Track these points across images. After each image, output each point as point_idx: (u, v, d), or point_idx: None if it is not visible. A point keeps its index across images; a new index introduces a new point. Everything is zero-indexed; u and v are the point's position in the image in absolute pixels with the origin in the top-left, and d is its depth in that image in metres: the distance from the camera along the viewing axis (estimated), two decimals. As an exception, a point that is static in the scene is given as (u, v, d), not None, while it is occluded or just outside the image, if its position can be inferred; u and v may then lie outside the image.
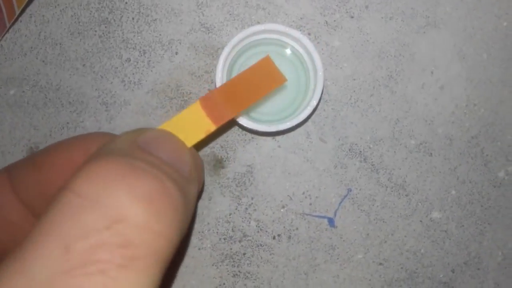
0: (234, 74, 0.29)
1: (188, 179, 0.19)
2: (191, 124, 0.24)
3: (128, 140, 0.18)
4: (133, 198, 0.15)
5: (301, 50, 0.29)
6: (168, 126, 0.23)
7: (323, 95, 0.30)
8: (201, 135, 0.24)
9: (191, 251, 0.31)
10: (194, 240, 0.31)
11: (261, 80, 0.25)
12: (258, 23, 0.30)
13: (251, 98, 0.25)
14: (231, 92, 0.25)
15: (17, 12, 0.29)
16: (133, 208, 0.15)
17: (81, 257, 0.14)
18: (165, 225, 0.16)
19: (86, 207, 0.15)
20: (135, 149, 0.18)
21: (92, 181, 0.15)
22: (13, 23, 0.30)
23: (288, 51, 0.29)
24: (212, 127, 0.24)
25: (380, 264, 0.31)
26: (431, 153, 0.31)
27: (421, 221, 0.31)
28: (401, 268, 0.31)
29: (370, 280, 0.31)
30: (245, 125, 0.28)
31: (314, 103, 0.28)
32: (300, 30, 0.30)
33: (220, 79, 0.28)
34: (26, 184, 0.22)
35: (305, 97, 0.29)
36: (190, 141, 0.23)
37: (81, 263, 0.14)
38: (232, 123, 0.28)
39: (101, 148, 0.18)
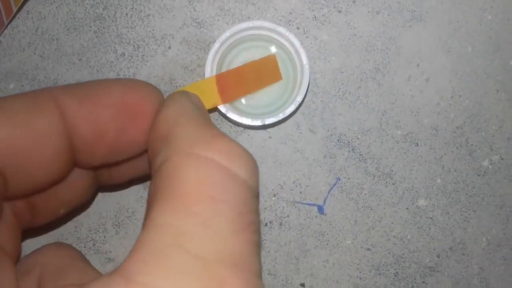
0: (224, 68, 0.30)
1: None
2: (202, 94, 0.26)
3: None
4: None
5: (289, 46, 0.30)
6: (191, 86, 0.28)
7: (312, 87, 0.31)
8: (208, 106, 0.28)
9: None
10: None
11: (264, 74, 0.29)
12: (248, 18, 0.31)
13: (254, 87, 0.29)
14: (240, 77, 0.29)
15: (15, 10, 0.30)
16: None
17: None
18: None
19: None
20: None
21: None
22: (11, 20, 0.31)
23: (276, 48, 0.30)
24: (219, 102, 0.29)
25: (368, 249, 0.32)
26: (417, 143, 0.32)
27: (407, 208, 0.32)
28: (388, 253, 0.32)
29: (358, 264, 0.32)
30: (231, 117, 0.29)
31: (298, 99, 0.29)
32: (289, 25, 0.31)
33: (209, 74, 0.29)
34: (76, 115, 0.22)
35: (293, 92, 0.30)
36: None
37: None
38: (213, 110, 0.30)
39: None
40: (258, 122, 0.29)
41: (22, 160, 0.21)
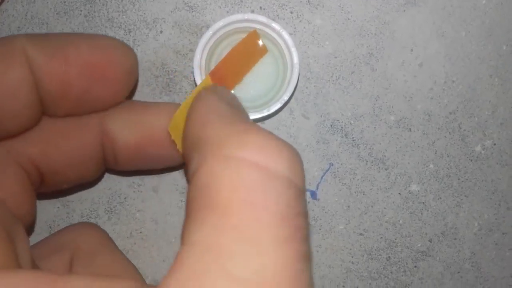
0: (214, 58, 0.30)
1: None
2: None
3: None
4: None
5: (281, 43, 0.30)
6: (189, 100, 0.26)
7: (306, 73, 0.31)
8: None
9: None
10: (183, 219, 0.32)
11: (250, 53, 0.29)
12: (241, 1, 0.31)
13: (245, 69, 0.29)
14: (230, 65, 0.28)
15: (3, -7, 0.30)
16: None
17: None
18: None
19: None
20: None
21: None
22: (0, 4, 0.31)
23: (268, 42, 0.30)
24: None
25: (361, 234, 0.32)
26: (410, 129, 0.32)
27: (400, 193, 0.32)
28: (381, 238, 0.32)
29: (350, 249, 0.32)
30: None
31: (285, 98, 0.29)
32: (282, 9, 0.31)
33: (198, 62, 0.29)
34: (43, 70, 0.23)
35: (280, 90, 0.30)
36: None
37: None
38: None
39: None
40: None
41: None
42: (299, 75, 0.30)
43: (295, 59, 0.29)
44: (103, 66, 0.24)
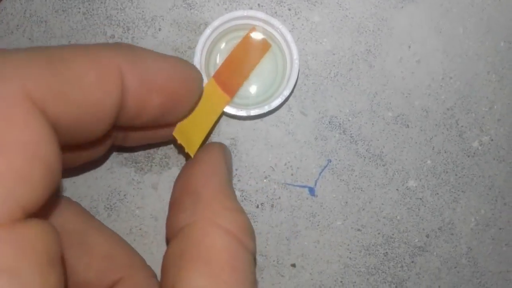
0: (213, 56, 0.30)
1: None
2: (211, 99, 0.28)
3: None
4: None
5: (280, 39, 0.30)
6: (198, 111, 0.27)
7: (304, 70, 0.31)
8: (222, 107, 0.28)
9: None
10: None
11: (253, 50, 0.29)
12: (239, -1, 0.31)
13: (250, 67, 0.29)
14: (234, 65, 0.29)
15: (1, -9, 0.30)
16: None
17: None
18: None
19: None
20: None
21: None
22: (-2, 1, 0.31)
23: (268, 39, 0.30)
24: (228, 98, 0.28)
25: (358, 230, 0.33)
26: (407, 125, 0.32)
27: (397, 189, 0.32)
28: (378, 233, 0.33)
29: (348, 245, 0.33)
30: None
31: (285, 93, 0.29)
32: (280, 6, 0.31)
33: (198, 60, 0.29)
34: (131, 94, 0.22)
35: (280, 86, 0.30)
36: (215, 114, 0.28)
37: None
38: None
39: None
40: (243, 113, 0.29)
41: (76, 131, 0.21)
42: (299, 70, 0.30)
43: (295, 55, 0.29)
44: (181, 96, 0.24)
